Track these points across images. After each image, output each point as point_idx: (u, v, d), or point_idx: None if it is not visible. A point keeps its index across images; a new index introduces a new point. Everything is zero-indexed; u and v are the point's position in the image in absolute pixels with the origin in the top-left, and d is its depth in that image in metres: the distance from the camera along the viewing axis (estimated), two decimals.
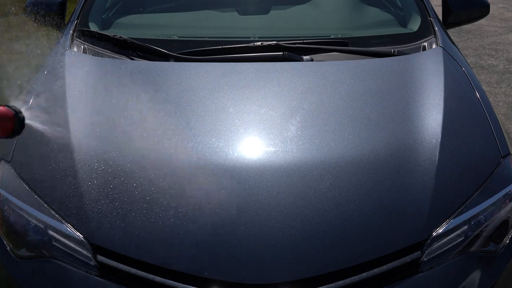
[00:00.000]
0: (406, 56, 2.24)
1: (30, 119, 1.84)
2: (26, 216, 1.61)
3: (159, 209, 1.54)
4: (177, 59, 2.18)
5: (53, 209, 1.59)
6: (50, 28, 2.86)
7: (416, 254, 1.53)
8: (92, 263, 1.53)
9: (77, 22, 2.44)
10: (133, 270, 1.48)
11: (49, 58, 2.28)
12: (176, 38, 2.33)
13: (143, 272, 1.48)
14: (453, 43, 2.44)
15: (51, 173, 1.66)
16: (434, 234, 1.55)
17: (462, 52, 2.45)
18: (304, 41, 2.29)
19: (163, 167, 1.64)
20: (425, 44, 2.35)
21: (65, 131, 1.79)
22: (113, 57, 2.22)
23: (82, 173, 1.64)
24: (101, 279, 1.51)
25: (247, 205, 1.53)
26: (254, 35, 2.34)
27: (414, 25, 2.51)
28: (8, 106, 1.18)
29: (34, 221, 1.60)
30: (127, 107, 1.89)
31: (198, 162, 1.65)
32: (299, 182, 1.59)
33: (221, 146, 1.70)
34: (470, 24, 3.01)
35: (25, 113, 1.90)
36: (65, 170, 1.66)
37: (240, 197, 1.55)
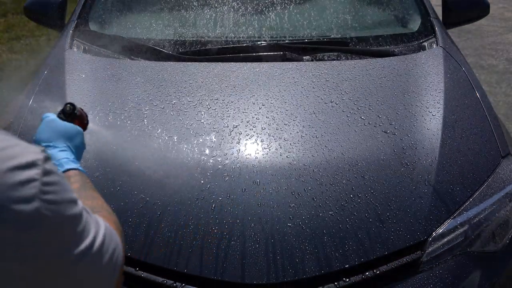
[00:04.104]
0: (406, 56, 2.24)
1: (30, 119, 1.84)
2: None
3: (159, 209, 1.54)
4: (177, 59, 2.18)
5: None
6: (50, 28, 2.86)
7: (416, 254, 1.53)
8: None
9: (77, 22, 2.44)
10: (133, 270, 1.48)
11: (49, 58, 2.28)
12: (176, 38, 2.33)
13: (143, 272, 1.48)
14: (453, 43, 2.44)
15: None
16: (434, 234, 1.55)
17: (462, 52, 2.45)
18: (304, 41, 2.29)
19: (162, 167, 1.64)
20: (425, 44, 2.35)
21: None
22: (113, 57, 2.22)
23: None
24: None
25: (247, 205, 1.53)
26: (254, 35, 2.34)
27: (414, 25, 2.51)
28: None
29: None
30: (127, 107, 1.89)
31: (198, 162, 1.65)
32: (298, 183, 1.59)
33: (221, 146, 1.70)
34: (470, 24, 3.01)
35: (26, 113, 1.89)
36: None
37: (240, 197, 1.55)
